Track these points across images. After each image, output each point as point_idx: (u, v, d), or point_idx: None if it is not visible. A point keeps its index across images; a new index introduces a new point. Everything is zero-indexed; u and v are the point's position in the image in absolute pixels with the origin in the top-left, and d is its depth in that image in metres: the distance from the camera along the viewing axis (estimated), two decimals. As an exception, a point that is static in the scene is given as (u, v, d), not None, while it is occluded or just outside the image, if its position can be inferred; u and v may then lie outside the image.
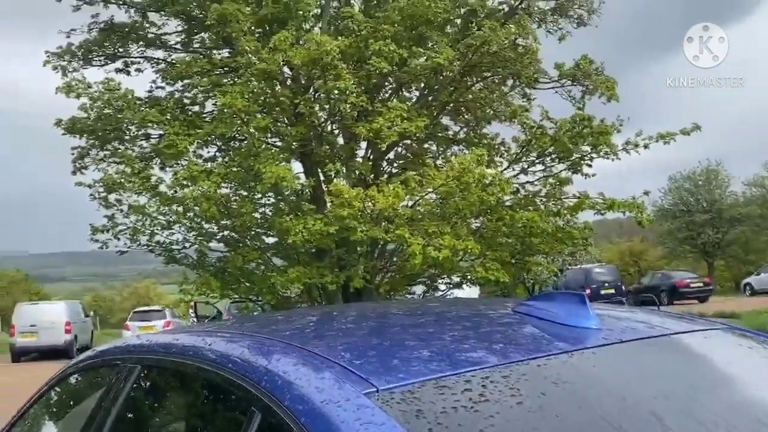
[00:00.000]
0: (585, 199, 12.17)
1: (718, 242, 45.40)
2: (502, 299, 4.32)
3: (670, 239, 48.08)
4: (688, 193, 46.52)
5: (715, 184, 46.23)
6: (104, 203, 12.46)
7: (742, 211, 44.96)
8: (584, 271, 33.50)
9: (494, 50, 11.96)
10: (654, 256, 52.19)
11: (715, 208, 45.04)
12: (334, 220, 10.64)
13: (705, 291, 33.85)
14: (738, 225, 45.17)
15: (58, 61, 13.13)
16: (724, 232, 45.29)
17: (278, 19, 12.39)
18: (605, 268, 34.75)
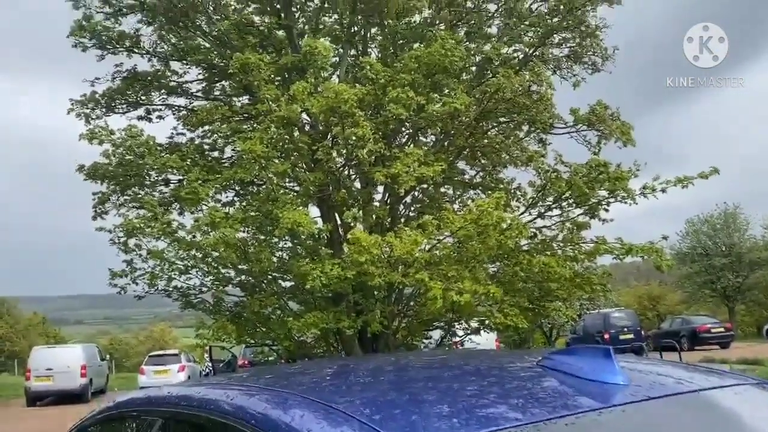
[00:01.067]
0: (602, 244, 12.07)
1: (738, 286, 44.62)
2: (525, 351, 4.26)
3: (689, 283, 47.33)
4: (706, 236, 45.95)
5: (734, 228, 45.65)
6: (123, 248, 12.55)
7: (762, 254, 44.26)
8: (603, 315, 32.99)
9: (509, 96, 12.08)
10: (673, 301, 51.35)
11: (735, 251, 44.40)
12: (352, 265, 10.63)
13: (726, 336, 33.11)
14: (758, 269, 44.43)
15: (81, 108, 13.43)
16: (744, 276, 44.53)
17: (297, 68, 12.65)
18: (624, 312, 34.20)
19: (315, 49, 11.16)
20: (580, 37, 13.41)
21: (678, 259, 43.01)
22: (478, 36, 14.08)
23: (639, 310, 43.37)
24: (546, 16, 13.36)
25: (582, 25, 13.24)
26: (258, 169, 11.78)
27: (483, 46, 13.90)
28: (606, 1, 12.93)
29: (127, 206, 13.17)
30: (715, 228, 45.75)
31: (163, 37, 13.75)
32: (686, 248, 46.61)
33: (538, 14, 13.46)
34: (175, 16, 12.85)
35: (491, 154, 14.03)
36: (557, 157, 12.27)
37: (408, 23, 13.82)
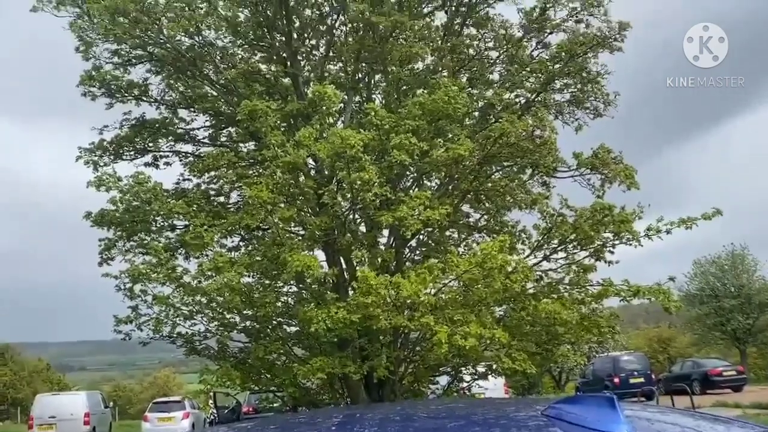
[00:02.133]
0: (609, 286, 12.02)
1: (749, 328, 44.04)
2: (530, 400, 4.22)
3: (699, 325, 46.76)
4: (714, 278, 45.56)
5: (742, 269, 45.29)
6: (129, 294, 12.56)
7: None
8: (612, 359, 32.58)
9: (513, 141, 12.20)
10: (683, 343, 50.67)
11: (744, 293, 43.95)
12: (357, 308, 10.60)
13: (739, 380, 32.54)
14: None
15: (90, 156, 13.60)
16: (754, 318, 43.98)
17: (303, 114, 12.84)
18: (633, 355, 33.76)
19: (324, 94, 11.33)
20: (582, 83, 13.61)
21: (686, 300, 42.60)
22: (480, 82, 14.31)
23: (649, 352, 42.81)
24: (547, 63, 13.58)
25: (583, 72, 13.45)
26: (264, 215, 11.85)
27: (485, 92, 14.12)
28: (607, 48, 13.14)
29: (134, 252, 13.21)
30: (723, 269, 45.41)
31: (171, 86, 14.02)
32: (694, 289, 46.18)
33: (539, 61, 13.69)
34: (183, 65, 13.12)
35: (495, 198, 14.09)
36: (562, 201, 12.32)
37: (411, 70, 14.06)
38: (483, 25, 14.19)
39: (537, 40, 13.93)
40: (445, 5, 14.17)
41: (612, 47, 13.16)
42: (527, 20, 13.76)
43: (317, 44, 14.74)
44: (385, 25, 12.66)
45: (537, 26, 13.72)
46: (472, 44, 14.44)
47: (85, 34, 12.70)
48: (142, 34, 12.34)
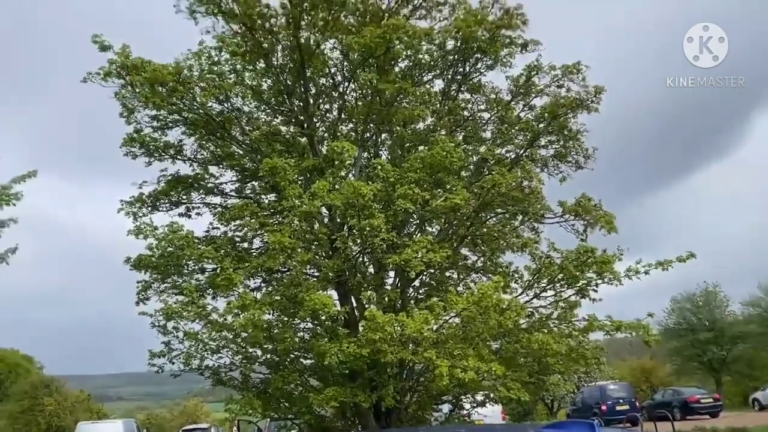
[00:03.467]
0: (594, 321, 11.92)
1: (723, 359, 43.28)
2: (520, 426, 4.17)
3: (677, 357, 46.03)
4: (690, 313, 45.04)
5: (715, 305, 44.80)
6: (162, 330, 12.52)
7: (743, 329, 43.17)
8: (600, 388, 32.01)
9: (504, 191, 12.26)
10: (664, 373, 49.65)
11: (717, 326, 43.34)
12: (367, 343, 10.51)
13: (716, 406, 31.85)
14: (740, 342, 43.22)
15: (130, 208, 13.73)
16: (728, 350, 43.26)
17: (317, 169, 12.99)
18: (619, 385, 33.14)
19: (342, 148, 11.48)
20: (564, 139, 13.75)
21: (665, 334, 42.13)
22: (474, 139, 14.48)
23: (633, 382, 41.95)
24: (533, 123, 13.77)
25: (564, 130, 13.60)
26: (284, 258, 11.88)
27: (479, 148, 14.27)
28: (585, 109, 13.32)
29: (167, 292, 13.21)
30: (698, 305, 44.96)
31: (203, 146, 14.22)
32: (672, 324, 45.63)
33: (525, 121, 13.88)
34: (213, 127, 13.35)
35: (490, 242, 14.09)
36: (550, 244, 12.32)
37: (413, 130, 14.26)
38: (476, 90, 14.45)
39: (523, 102, 14.17)
40: (442, 74, 14.45)
41: (590, 108, 13.34)
42: (515, 86, 14.02)
43: (331, 108, 14.99)
44: (390, 91, 12.91)
45: (523, 91, 13.96)
46: (467, 107, 14.69)
47: (128, 102, 12.97)
48: (178, 101, 12.58)
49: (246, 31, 12.85)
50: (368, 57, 13.05)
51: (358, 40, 12.42)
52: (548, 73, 13.55)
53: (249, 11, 12.45)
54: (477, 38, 13.26)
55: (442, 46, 13.95)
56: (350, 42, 12.63)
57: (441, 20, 14.07)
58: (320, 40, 13.24)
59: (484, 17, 13.33)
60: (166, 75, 12.08)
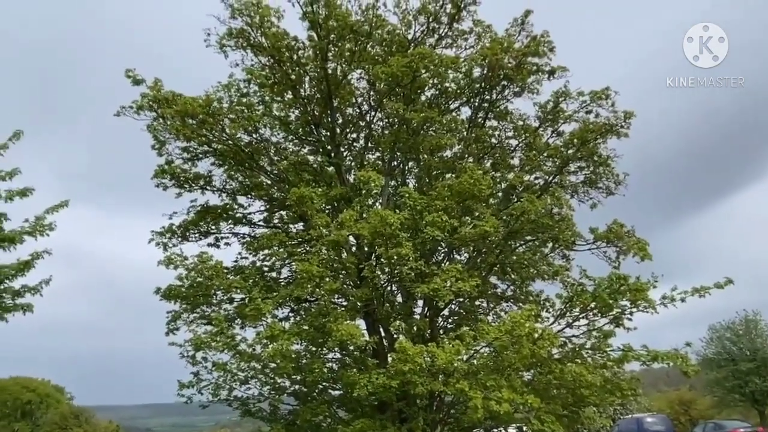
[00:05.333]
0: (629, 351, 11.62)
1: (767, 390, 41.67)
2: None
3: (718, 388, 44.40)
4: (730, 342, 43.61)
5: (756, 333, 43.30)
6: (191, 361, 12.57)
7: (787, 359, 41.60)
8: (636, 420, 30.99)
9: (533, 218, 12.17)
10: (704, 405, 47.94)
11: (759, 356, 41.84)
12: (396, 374, 10.40)
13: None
14: (784, 373, 41.59)
15: (160, 238, 13.94)
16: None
17: (345, 198, 13.08)
18: (657, 417, 32.05)
19: (369, 178, 11.54)
20: (594, 165, 13.64)
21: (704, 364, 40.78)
22: (502, 166, 14.45)
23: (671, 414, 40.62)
24: (561, 149, 13.70)
25: (594, 156, 13.50)
26: (312, 287, 11.90)
27: (507, 175, 14.24)
28: (614, 134, 13.22)
29: (196, 323, 13.30)
30: (738, 334, 43.53)
31: (232, 176, 14.44)
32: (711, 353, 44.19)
33: (554, 147, 13.83)
34: (242, 158, 13.56)
35: (520, 270, 13.95)
36: (582, 272, 12.12)
37: (440, 158, 14.30)
38: (503, 117, 14.48)
39: (552, 129, 14.15)
40: (469, 101, 14.53)
41: (619, 133, 13.23)
42: (542, 112, 14.02)
43: (358, 137, 15.16)
44: (417, 120, 13.01)
45: (551, 117, 13.95)
46: (494, 134, 14.71)
47: (160, 134, 13.26)
48: (207, 133, 12.84)
49: (274, 64, 13.14)
50: (395, 86, 13.20)
51: (384, 70, 12.59)
52: (576, 98, 13.54)
53: (277, 44, 12.75)
54: (503, 66, 13.34)
55: (468, 73, 14.06)
56: (377, 72, 12.80)
57: (467, 48, 14.25)
58: (347, 71, 13.46)
59: (510, 45, 13.42)
60: (196, 107, 12.37)
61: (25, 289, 9.54)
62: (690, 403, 48.31)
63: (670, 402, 48.50)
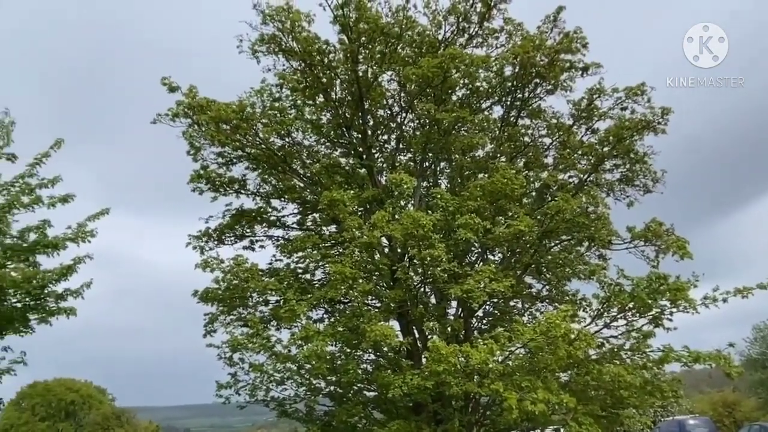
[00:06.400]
0: (670, 352, 11.36)
1: (815, 392, 40.24)
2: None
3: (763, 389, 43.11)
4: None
5: (801, 333, 41.91)
6: (229, 362, 12.77)
7: (836, 359, 40.13)
8: (678, 423, 30.28)
9: (568, 217, 12.02)
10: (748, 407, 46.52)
11: (806, 357, 40.49)
12: (431, 375, 10.39)
13: (809, 444, 29.55)
14: (833, 374, 40.14)
15: (197, 242, 14.21)
16: (819, 382, 40.26)
17: (377, 200, 13.12)
18: (699, 419, 31.28)
19: (401, 181, 11.56)
20: (630, 163, 13.41)
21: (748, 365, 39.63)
22: (535, 165, 14.31)
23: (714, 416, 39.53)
24: (596, 146, 13.49)
25: (630, 153, 13.27)
26: (345, 289, 11.97)
27: (541, 174, 14.09)
28: (651, 131, 12.96)
29: (233, 324, 13.51)
30: (783, 334, 42.15)
31: (265, 180, 14.62)
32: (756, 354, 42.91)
33: (589, 145, 13.63)
34: (275, 162, 13.72)
35: (555, 269, 13.79)
36: (619, 271, 11.91)
37: (472, 157, 14.24)
38: (536, 115, 14.34)
39: (586, 126, 13.94)
40: (501, 100, 14.43)
41: (656, 130, 12.97)
42: (576, 110, 13.83)
43: (389, 139, 15.18)
44: (448, 120, 12.97)
45: (585, 115, 13.75)
46: (527, 133, 14.58)
47: (195, 140, 13.52)
48: (241, 138, 13.04)
49: (305, 68, 13.26)
50: (425, 87, 13.19)
51: (415, 71, 12.60)
52: (611, 95, 13.32)
53: (308, 48, 12.87)
54: (535, 63, 13.21)
55: (499, 72, 13.97)
56: (407, 73, 12.82)
57: (498, 47, 14.16)
58: (378, 73, 13.50)
59: (542, 42, 13.29)
60: (230, 113, 12.56)
61: (68, 293, 9.81)
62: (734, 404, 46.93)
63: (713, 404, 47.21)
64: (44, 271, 9.51)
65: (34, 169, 9.75)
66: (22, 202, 9.46)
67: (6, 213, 9.31)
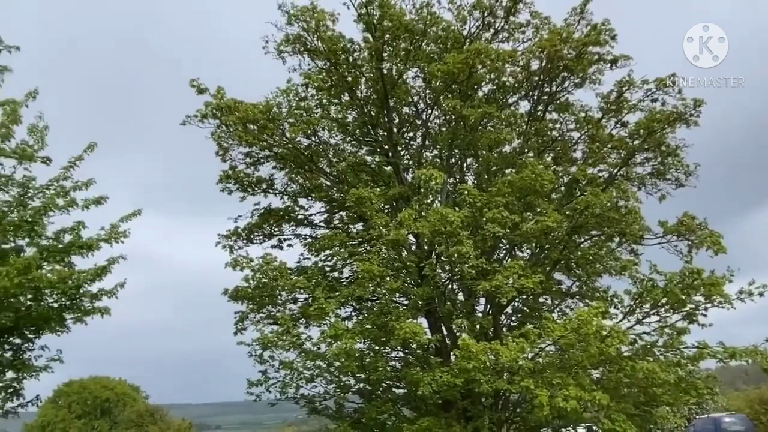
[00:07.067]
0: (704, 348, 11.15)
1: None
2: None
3: (802, 386, 41.98)
4: (815, 337, 41.10)
5: (843, 328, 40.65)
6: (259, 360, 12.89)
7: None
8: (713, 420, 29.62)
9: (598, 212, 11.86)
10: (788, 404, 45.39)
11: None
12: (460, 372, 10.35)
13: None
14: None
15: (226, 241, 14.38)
16: None
17: (403, 197, 13.11)
18: (736, 417, 30.54)
19: (431, 176, 11.52)
20: (661, 156, 13.16)
21: (787, 360, 38.44)
22: (564, 160, 14.13)
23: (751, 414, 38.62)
24: (626, 140, 13.27)
25: (662, 146, 13.02)
26: (373, 286, 12.00)
27: (569, 169, 13.93)
28: (683, 123, 12.70)
29: (263, 322, 13.64)
30: (823, 329, 40.92)
31: (293, 179, 14.72)
32: (794, 350, 41.68)
33: (619, 138, 13.41)
34: (302, 161, 13.81)
35: (585, 265, 13.60)
36: (651, 267, 11.71)
37: (499, 153, 14.12)
38: (564, 109, 14.16)
39: (615, 119, 13.71)
40: (528, 95, 14.28)
41: (688, 122, 12.71)
42: (605, 103, 13.63)
43: (415, 136, 15.16)
44: (474, 116, 12.89)
45: (615, 107, 13.53)
46: (555, 127, 14.42)
47: (223, 141, 13.67)
48: (268, 138, 13.15)
49: (330, 67, 13.31)
50: (451, 83, 13.13)
51: (440, 67, 12.55)
52: (641, 87, 13.08)
53: (333, 47, 12.91)
54: (563, 57, 13.05)
55: (526, 67, 13.82)
56: (432, 69, 12.77)
57: (524, 41, 14.02)
58: (402, 70, 13.49)
59: (569, 35, 13.12)
60: (257, 113, 12.68)
61: (102, 293, 10.01)
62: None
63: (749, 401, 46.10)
64: (79, 272, 9.70)
65: (68, 172, 9.95)
66: (57, 204, 9.65)
67: (42, 215, 9.51)
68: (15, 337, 9.70)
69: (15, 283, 8.24)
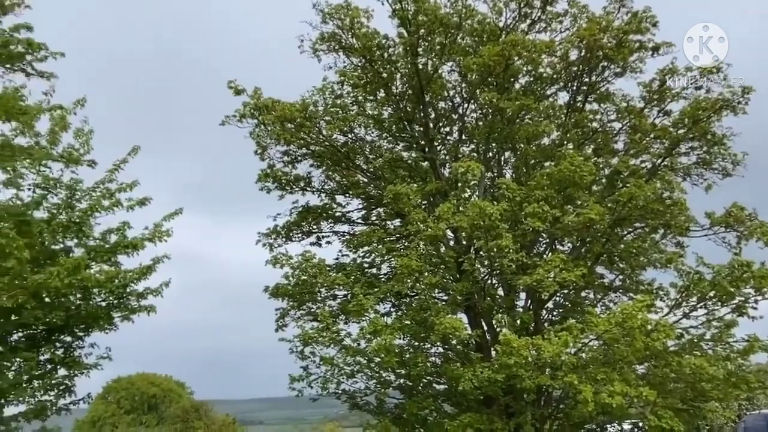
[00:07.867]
0: (755, 341, 10.82)
1: None
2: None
3: None
4: None
5: None
6: (300, 356, 13.04)
7: None
8: (765, 416, 28.62)
9: (642, 204, 11.59)
10: None
11: None
12: (501, 368, 10.28)
13: None
14: None
15: (266, 239, 14.59)
16: None
17: (441, 192, 13.06)
18: (789, 413, 29.45)
19: (468, 168, 11.44)
20: (707, 145, 12.78)
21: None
22: (605, 151, 13.83)
23: (806, 411, 37.18)
24: (670, 129, 12.92)
25: (707, 135, 12.63)
26: (412, 282, 11.99)
27: (611, 160, 13.64)
28: (731, 110, 12.30)
29: (303, 319, 13.80)
30: None
31: (330, 176, 14.83)
32: None
33: (662, 128, 13.05)
34: (338, 158, 13.90)
35: (629, 258, 13.32)
36: (698, 259, 11.39)
37: (538, 146, 13.91)
38: (604, 99, 13.86)
39: (658, 109, 13.35)
40: (566, 86, 14.02)
41: (736, 110, 12.30)
42: (647, 92, 13.28)
43: (451, 130, 15.07)
44: (512, 108, 12.75)
45: (657, 96, 13.18)
46: (595, 118, 14.11)
47: (261, 140, 13.87)
48: (305, 136, 13.28)
49: (366, 63, 13.34)
50: (487, 76, 13.00)
51: (476, 60, 12.44)
52: (684, 74, 12.71)
53: (368, 44, 12.93)
54: (602, 46, 12.77)
55: (564, 57, 13.57)
56: (468, 63, 12.67)
57: (562, 31, 13.77)
58: (438, 64, 13.41)
59: (609, 23, 12.84)
60: (294, 112, 12.81)
61: (148, 291, 10.29)
62: (829, 398, 44.05)
63: (804, 397, 44.45)
64: (125, 271, 9.99)
65: (113, 174, 10.25)
66: (103, 205, 9.96)
67: (89, 216, 9.83)
68: (66, 336, 10.06)
69: (65, 283, 8.52)
